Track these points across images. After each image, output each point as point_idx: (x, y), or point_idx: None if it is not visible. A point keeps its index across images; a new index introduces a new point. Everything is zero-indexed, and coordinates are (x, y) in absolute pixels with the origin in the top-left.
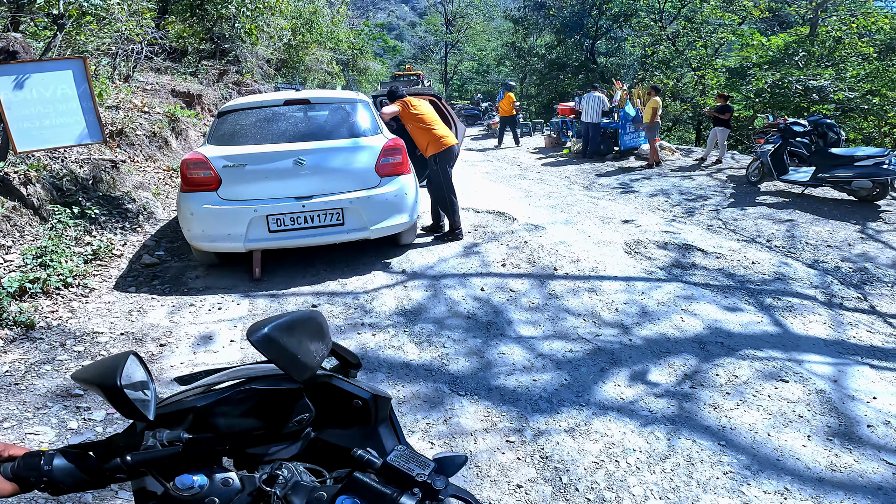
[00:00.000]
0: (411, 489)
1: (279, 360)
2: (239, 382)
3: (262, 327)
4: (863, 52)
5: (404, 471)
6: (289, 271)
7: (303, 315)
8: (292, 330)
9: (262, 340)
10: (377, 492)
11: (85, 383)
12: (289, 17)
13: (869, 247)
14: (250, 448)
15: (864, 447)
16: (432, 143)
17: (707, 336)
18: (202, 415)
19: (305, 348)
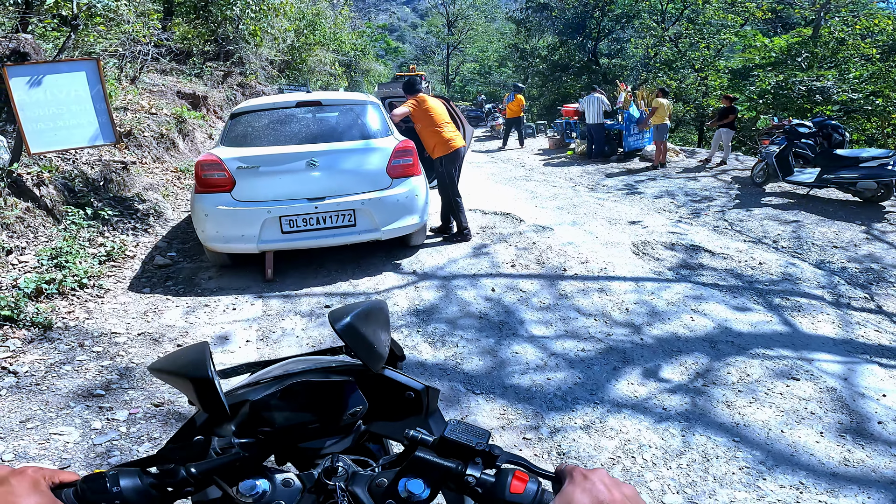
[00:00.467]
0: (473, 459)
1: (360, 349)
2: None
3: (345, 315)
4: (866, 54)
5: (464, 442)
6: (301, 272)
7: (374, 305)
8: (368, 319)
9: (346, 328)
10: (441, 467)
11: (169, 375)
12: (292, 18)
13: (874, 247)
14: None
15: (876, 443)
16: (440, 145)
17: (717, 335)
18: (257, 408)
19: (378, 337)
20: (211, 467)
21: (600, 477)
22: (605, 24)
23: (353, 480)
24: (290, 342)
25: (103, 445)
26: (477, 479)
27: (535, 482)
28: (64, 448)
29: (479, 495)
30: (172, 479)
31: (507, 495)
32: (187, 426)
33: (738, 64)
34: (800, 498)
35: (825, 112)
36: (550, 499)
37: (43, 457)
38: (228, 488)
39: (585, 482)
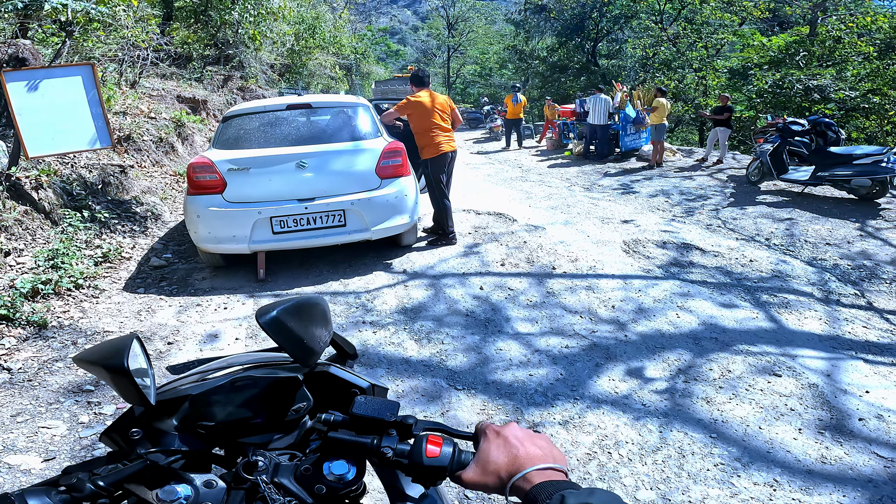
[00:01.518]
0: (387, 431)
1: (286, 344)
2: (236, 370)
3: (271, 310)
4: (863, 52)
5: (374, 416)
6: (293, 272)
7: (308, 300)
8: (299, 314)
9: (270, 323)
10: (357, 444)
11: (89, 364)
12: (292, 22)
13: (868, 244)
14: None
15: (856, 440)
16: (428, 147)
17: (702, 332)
18: (198, 403)
19: (311, 333)
20: (120, 477)
21: (512, 431)
22: (603, 24)
23: (278, 472)
24: None
25: (89, 439)
26: (394, 450)
27: (451, 444)
28: (51, 441)
29: (403, 465)
30: (80, 492)
31: (425, 460)
32: (125, 417)
33: (736, 63)
34: (773, 495)
35: (823, 111)
36: (469, 458)
37: (30, 449)
38: (149, 496)
39: (498, 438)
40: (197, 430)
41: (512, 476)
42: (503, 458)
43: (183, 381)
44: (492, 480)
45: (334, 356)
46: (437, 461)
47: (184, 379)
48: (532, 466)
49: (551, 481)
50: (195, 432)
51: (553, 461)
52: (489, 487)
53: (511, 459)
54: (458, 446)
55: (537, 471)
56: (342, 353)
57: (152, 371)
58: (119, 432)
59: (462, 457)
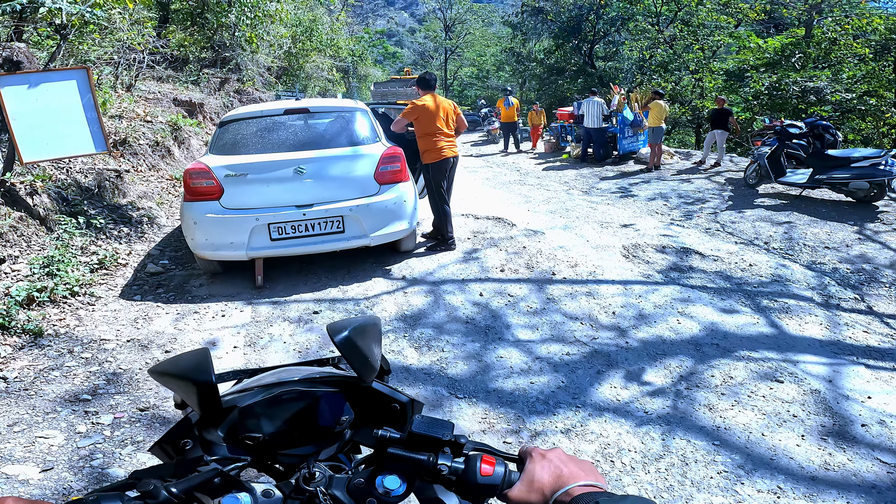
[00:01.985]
0: (442, 450)
1: (354, 361)
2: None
3: (344, 328)
4: (858, 53)
5: (431, 434)
6: (291, 279)
7: (370, 320)
8: (364, 333)
9: (344, 341)
10: (413, 460)
11: (170, 377)
12: (288, 25)
13: (867, 248)
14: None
15: (859, 446)
16: (429, 152)
17: (703, 338)
18: (245, 414)
19: (372, 351)
20: (192, 485)
21: (557, 455)
22: (600, 27)
23: (332, 484)
24: (277, 348)
25: (87, 448)
26: (449, 468)
27: (503, 464)
28: (48, 451)
29: (453, 482)
30: (154, 499)
31: (479, 478)
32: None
33: (732, 65)
34: (777, 502)
35: (820, 112)
36: (516, 477)
37: (27, 459)
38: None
39: (544, 459)
40: (244, 440)
41: (555, 492)
42: (548, 476)
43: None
44: (536, 497)
45: None
46: (490, 479)
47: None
48: (574, 483)
49: (589, 493)
50: (242, 443)
51: (594, 480)
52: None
53: (555, 478)
54: (508, 467)
55: (578, 486)
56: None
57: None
58: (172, 443)
59: (511, 476)
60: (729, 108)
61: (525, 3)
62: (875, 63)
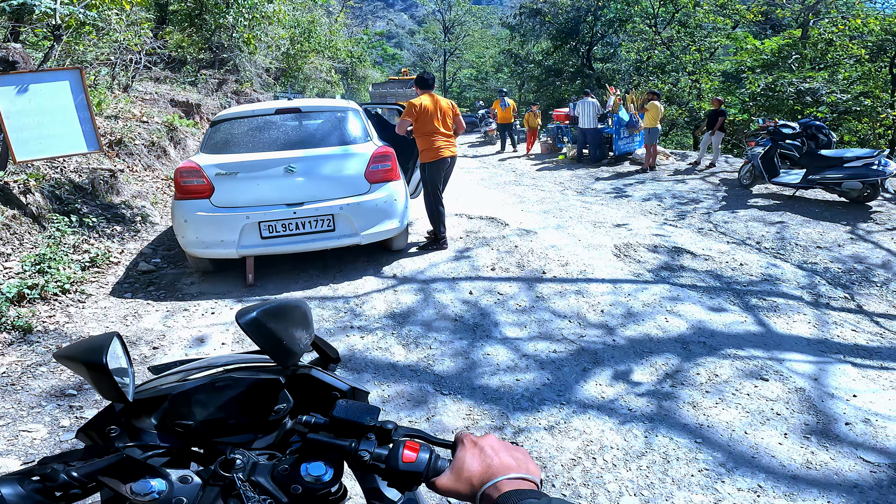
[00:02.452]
0: (365, 435)
1: (265, 344)
2: (217, 371)
3: (250, 311)
4: (854, 54)
5: (353, 420)
6: (282, 277)
7: (289, 303)
8: (279, 316)
9: (250, 323)
10: (335, 446)
11: (68, 360)
12: (287, 26)
13: (859, 247)
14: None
15: (842, 445)
16: (427, 151)
17: (690, 336)
18: (177, 402)
19: (291, 335)
20: (94, 469)
21: (489, 442)
22: (597, 28)
23: (255, 471)
24: None
25: (69, 442)
26: (371, 454)
27: (428, 451)
28: (31, 444)
29: (380, 470)
30: (53, 482)
31: (401, 465)
32: (103, 413)
33: (729, 66)
34: (757, 501)
35: (815, 114)
36: (445, 465)
37: (10, 452)
38: (122, 489)
39: (475, 447)
40: (175, 428)
41: (483, 484)
42: (477, 466)
43: (163, 381)
44: (464, 488)
45: (317, 360)
46: (413, 466)
47: (164, 378)
48: (503, 476)
49: (518, 490)
50: (174, 431)
51: (526, 472)
52: (461, 495)
53: (485, 468)
54: (435, 453)
55: (508, 480)
56: (325, 356)
57: (132, 370)
58: (96, 429)
59: (438, 464)
60: (723, 110)
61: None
62: (871, 64)
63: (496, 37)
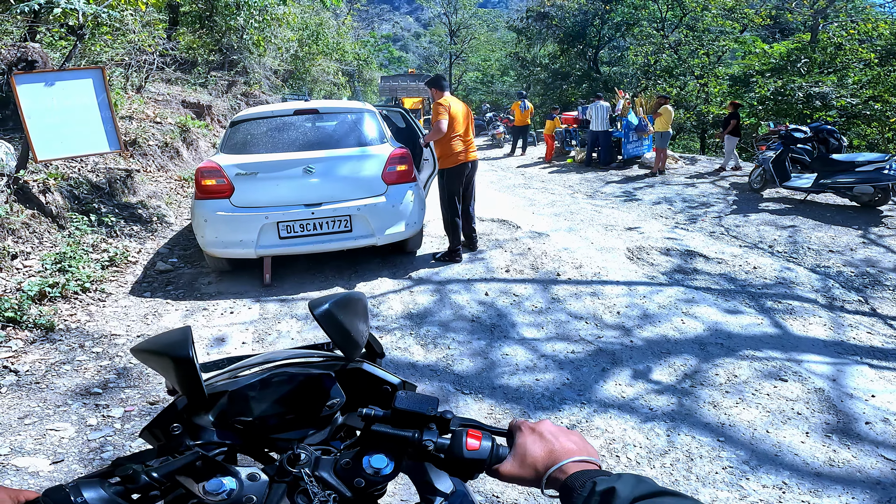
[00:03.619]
0: (427, 426)
1: (336, 335)
2: (271, 367)
3: (324, 303)
4: (864, 58)
5: (415, 410)
6: (299, 277)
7: (353, 295)
8: (347, 308)
9: (324, 315)
10: (398, 437)
11: (150, 355)
12: (295, 28)
13: (871, 251)
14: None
15: (863, 443)
16: (447, 156)
17: (707, 337)
18: (235, 398)
19: (356, 327)
20: (173, 469)
21: (547, 427)
22: (605, 32)
23: (318, 465)
24: (286, 344)
25: (97, 441)
26: (435, 444)
27: (489, 439)
28: (59, 443)
29: (441, 459)
30: (134, 483)
31: (466, 453)
32: (167, 412)
33: (737, 70)
34: (782, 498)
35: (825, 118)
36: (506, 452)
37: (38, 451)
38: (195, 488)
39: (534, 433)
40: (234, 425)
41: (549, 468)
42: (540, 451)
43: (218, 378)
44: (529, 473)
45: (364, 354)
46: (477, 454)
47: (219, 375)
48: (568, 458)
49: (585, 471)
50: (232, 427)
51: (587, 454)
52: (526, 480)
53: (547, 453)
54: (496, 441)
55: (572, 462)
56: (371, 351)
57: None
58: (161, 427)
59: (500, 451)
60: (735, 112)
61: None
62: (881, 68)
63: (502, 40)
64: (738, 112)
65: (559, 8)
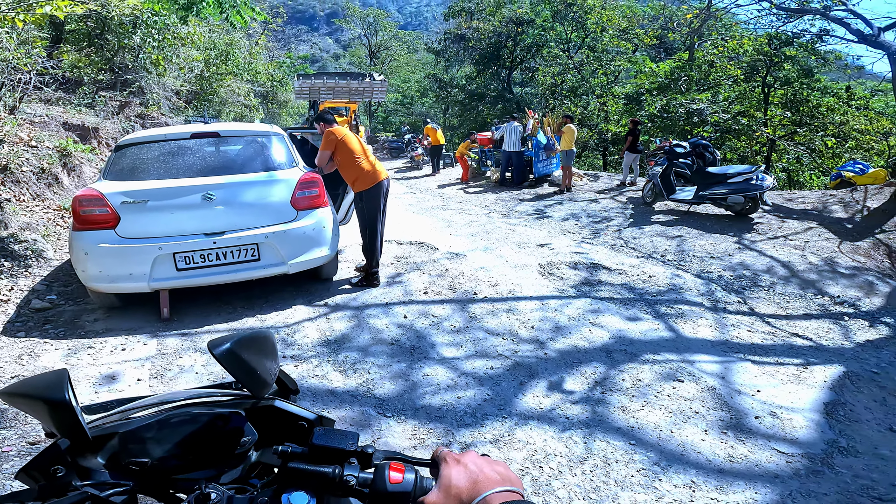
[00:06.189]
0: (347, 461)
1: (240, 375)
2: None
3: (224, 342)
4: (732, 75)
5: (334, 446)
6: (202, 309)
7: (258, 333)
8: (251, 346)
9: (225, 354)
10: (318, 474)
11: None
12: (202, 48)
13: (746, 256)
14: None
15: (756, 437)
16: (361, 178)
17: (613, 345)
18: (129, 439)
19: (263, 365)
20: None
21: (472, 458)
22: (517, 53)
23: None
24: (189, 378)
25: None
26: (357, 479)
27: (413, 471)
28: None
29: (364, 494)
30: None
31: (389, 487)
32: (47, 453)
33: (631, 89)
34: (693, 497)
35: (703, 133)
36: (431, 483)
37: None
38: None
39: (458, 464)
40: (129, 466)
41: (473, 499)
42: (464, 482)
43: (106, 420)
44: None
45: (276, 391)
46: (401, 487)
47: (107, 417)
48: (492, 489)
49: (509, 502)
50: (126, 469)
51: (511, 484)
52: None
53: (472, 484)
54: (419, 473)
55: (496, 493)
56: (284, 388)
57: (80, 407)
58: (40, 469)
59: (424, 483)
60: (633, 129)
61: (448, 31)
62: (746, 84)
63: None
64: (637, 129)
65: (475, 30)
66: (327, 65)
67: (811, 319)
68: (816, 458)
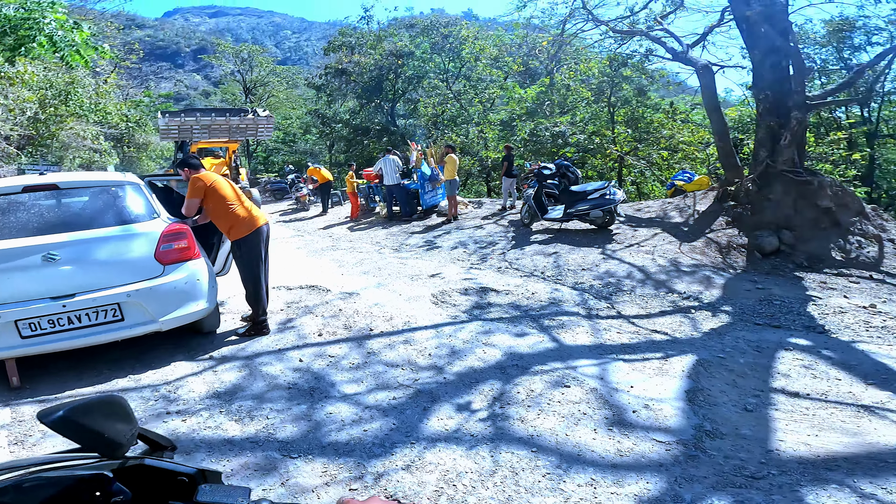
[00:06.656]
0: None
1: (84, 440)
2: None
3: (56, 411)
4: (584, 97)
5: (221, 503)
6: (61, 374)
7: (102, 398)
8: (92, 411)
9: (59, 422)
10: None
11: None
12: (35, 88)
13: (610, 265)
14: None
15: (637, 430)
16: (237, 226)
17: (505, 361)
18: None
19: (112, 427)
20: None
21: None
22: (399, 86)
23: None
24: (55, 442)
25: None
26: None
27: None
28: None
29: None
30: None
31: None
32: None
33: (504, 116)
34: (596, 493)
35: (566, 154)
36: None
37: None
38: None
39: None
40: None
41: None
42: None
43: None
44: None
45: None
46: None
47: None
48: None
49: None
50: None
51: None
52: None
53: None
54: None
55: None
56: (156, 446)
57: None
58: None
59: None
60: (508, 155)
61: (328, 66)
62: (595, 105)
63: (303, 97)
64: (511, 154)
65: (357, 64)
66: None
67: (666, 315)
68: (689, 444)
